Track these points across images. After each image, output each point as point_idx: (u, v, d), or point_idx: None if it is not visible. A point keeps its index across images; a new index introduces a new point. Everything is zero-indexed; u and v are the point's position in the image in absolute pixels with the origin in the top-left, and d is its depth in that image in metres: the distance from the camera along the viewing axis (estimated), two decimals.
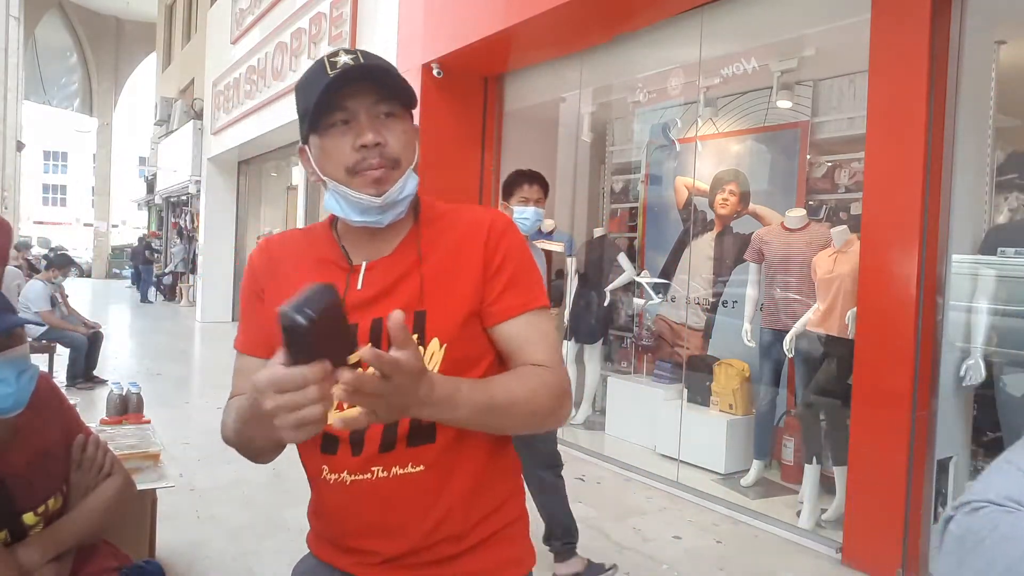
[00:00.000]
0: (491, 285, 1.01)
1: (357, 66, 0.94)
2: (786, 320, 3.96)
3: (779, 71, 4.40)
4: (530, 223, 2.83)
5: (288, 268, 1.06)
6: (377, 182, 0.96)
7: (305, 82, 0.98)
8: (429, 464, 0.98)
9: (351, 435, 0.99)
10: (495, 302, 1.00)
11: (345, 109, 0.96)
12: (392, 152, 0.97)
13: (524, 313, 1.01)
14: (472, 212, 1.08)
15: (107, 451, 1.65)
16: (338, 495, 1.01)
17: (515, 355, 1.01)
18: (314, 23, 7.57)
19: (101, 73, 26.33)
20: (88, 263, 25.46)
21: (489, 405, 0.89)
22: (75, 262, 9.90)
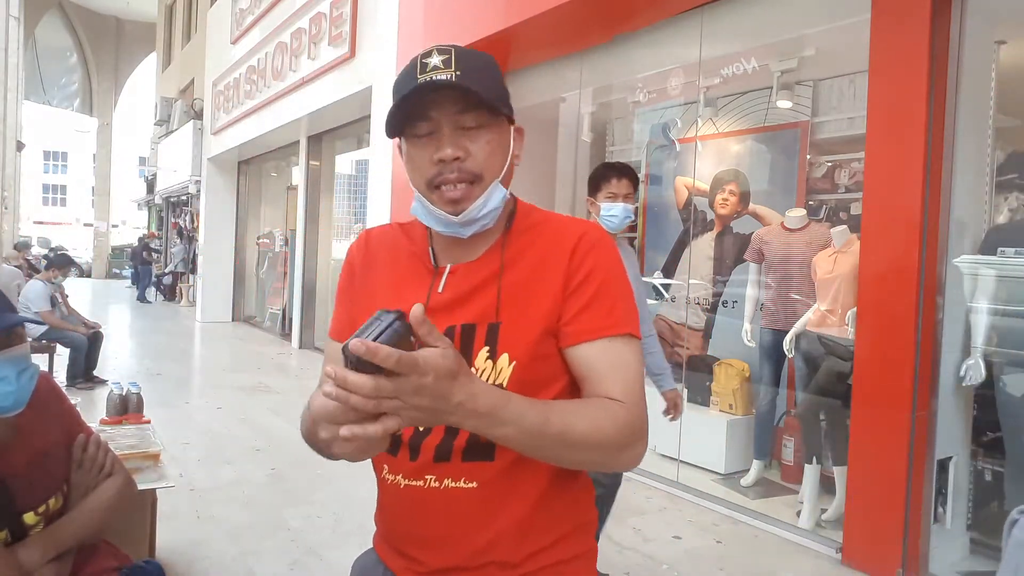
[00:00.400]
0: (570, 303, 0.94)
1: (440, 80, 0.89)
2: (786, 320, 3.96)
3: (779, 71, 4.40)
4: (618, 221, 2.58)
5: (382, 261, 1.07)
6: (453, 202, 0.93)
7: (398, 82, 0.94)
8: (483, 482, 0.93)
9: (410, 439, 0.96)
10: (571, 321, 0.93)
11: (429, 119, 0.93)
12: (472, 167, 0.93)
13: (602, 338, 0.92)
14: (564, 222, 1.02)
15: (108, 451, 1.65)
16: (393, 496, 1.00)
17: (587, 384, 0.93)
18: (314, 23, 7.57)
19: (101, 73, 26.33)
20: (88, 263, 25.45)
21: (541, 429, 0.80)
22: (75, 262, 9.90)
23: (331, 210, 9.77)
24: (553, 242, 0.97)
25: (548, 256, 0.96)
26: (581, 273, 0.94)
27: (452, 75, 0.89)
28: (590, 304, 0.93)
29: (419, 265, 1.03)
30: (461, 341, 0.95)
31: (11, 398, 1.39)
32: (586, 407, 0.88)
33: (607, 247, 0.98)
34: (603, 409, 0.88)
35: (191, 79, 15.60)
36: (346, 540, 3.21)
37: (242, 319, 12.41)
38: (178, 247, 15.91)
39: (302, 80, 7.92)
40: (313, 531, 3.32)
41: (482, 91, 0.90)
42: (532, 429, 0.80)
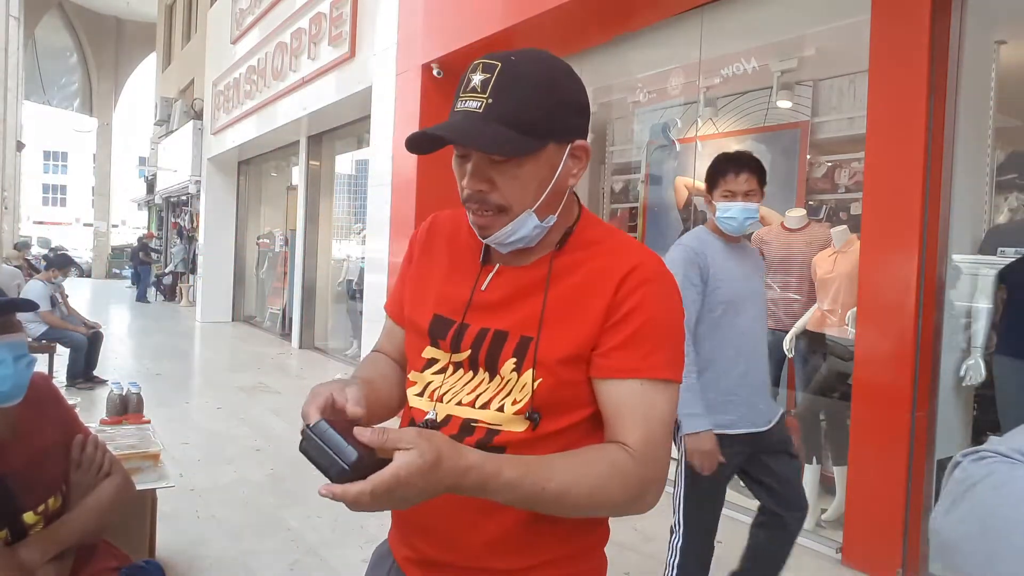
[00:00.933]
0: (608, 335, 0.89)
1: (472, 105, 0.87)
2: (786, 320, 3.96)
3: (779, 71, 4.40)
4: (736, 224, 2.26)
5: (440, 247, 1.07)
6: (480, 228, 0.93)
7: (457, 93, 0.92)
8: None
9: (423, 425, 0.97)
10: (606, 355, 0.89)
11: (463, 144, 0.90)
12: (496, 200, 0.90)
13: (635, 379, 0.87)
14: (623, 246, 0.96)
15: (106, 451, 1.66)
16: None
17: (609, 423, 0.89)
18: (314, 23, 7.57)
19: (101, 73, 26.33)
20: (88, 263, 25.46)
21: (538, 496, 0.80)
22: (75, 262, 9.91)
23: (331, 210, 9.77)
24: (604, 266, 0.92)
25: (596, 280, 0.91)
26: (626, 307, 0.89)
27: (483, 102, 0.85)
28: (629, 341, 0.88)
29: (471, 258, 1.01)
30: (489, 347, 0.93)
31: (8, 382, 1.39)
32: (591, 467, 0.84)
33: (662, 284, 0.92)
34: (610, 466, 0.84)
35: (191, 79, 15.60)
36: (346, 540, 3.21)
37: (242, 319, 12.42)
38: (178, 247, 15.91)
39: (302, 80, 7.92)
40: (313, 531, 3.32)
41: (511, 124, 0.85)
42: (527, 496, 0.80)
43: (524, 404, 0.90)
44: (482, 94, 0.86)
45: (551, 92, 0.88)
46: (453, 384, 0.96)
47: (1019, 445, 0.62)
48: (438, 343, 0.98)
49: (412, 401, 1.00)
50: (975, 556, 0.57)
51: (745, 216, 2.25)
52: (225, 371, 7.86)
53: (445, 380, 0.96)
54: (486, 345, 0.93)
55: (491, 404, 0.92)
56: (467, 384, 0.94)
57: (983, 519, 0.57)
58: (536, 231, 0.93)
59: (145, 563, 1.71)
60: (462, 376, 0.95)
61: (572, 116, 0.92)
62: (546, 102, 0.87)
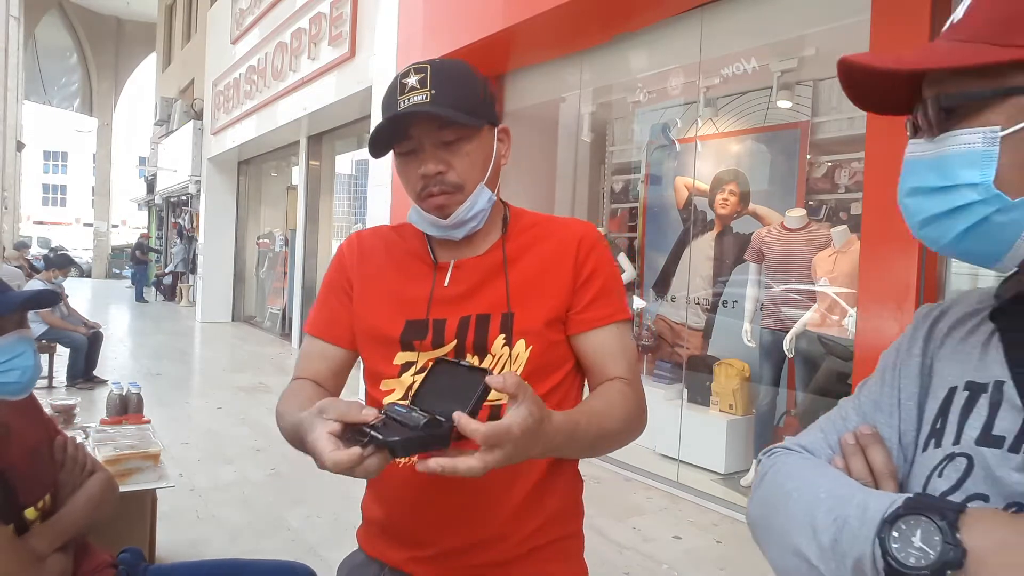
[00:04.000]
0: (580, 294, 1.04)
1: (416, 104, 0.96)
2: (786, 320, 3.96)
3: (779, 71, 4.40)
4: None
5: (378, 261, 1.12)
6: (440, 208, 1.02)
7: (384, 102, 1.02)
8: None
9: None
10: (584, 311, 1.04)
11: (410, 138, 1.00)
12: (453, 179, 1.01)
13: (610, 324, 1.04)
14: (565, 222, 1.12)
15: (86, 451, 1.71)
16: (400, 481, 1.03)
17: (597, 366, 1.04)
18: (314, 23, 7.57)
19: (101, 73, 26.32)
20: (88, 263, 25.47)
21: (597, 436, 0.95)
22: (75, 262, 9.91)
23: (331, 210, 9.78)
24: (558, 239, 1.07)
25: (555, 252, 1.05)
26: (588, 268, 1.05)
27: (428, 94, 0.96)
28: (599, 295, 1.04)
29: (418, 263, 1.09)
30: (476, 329, 1.02)
31: (29, 372, 1.47)
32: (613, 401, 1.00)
33: (605, 245, 1.10)
34: (623, 396, 1.00)
35: (191, 79, 15.60)
36: (345, 540, 3.21)
37: (242, 319, 12.41)
38: (178, 247, 15.91)
39: (302, 80, 7.92)
40: (313, 531, 3.32)
41: (455, 108, 0.96)
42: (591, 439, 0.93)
43: (520, 373, 1.00)
44: (423, 88, 0.97)
45: (475, 83, 1.03)
46: None
47: (800, 439, 0.73)
48: (413, 345, 1.04)
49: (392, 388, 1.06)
50: (764, 534, 0.68)
51: None
52: (225, 371, 7.86)
53: None
54: (472, 329, 1.02)
55: None
56: None
57: (764, 504, 0.68)
58: (488, 204, 1.04)
59: (128, 552, 1.74)
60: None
61: (492, 104, 1.06)
62: (475, 90, 1.02)
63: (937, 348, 0.68)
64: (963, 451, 0.59)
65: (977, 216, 0.55)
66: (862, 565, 0.55)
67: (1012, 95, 0.52)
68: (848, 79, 0.64)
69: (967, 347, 0.65)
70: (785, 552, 0.63)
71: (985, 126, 0.53)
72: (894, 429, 0.67)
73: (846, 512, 0.58)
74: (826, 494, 0.61)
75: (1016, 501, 0.55)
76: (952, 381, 0.64)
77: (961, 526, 0.51)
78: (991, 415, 0.59)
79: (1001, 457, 0.56)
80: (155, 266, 18.13)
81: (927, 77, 0.58)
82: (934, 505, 0.54)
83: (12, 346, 1.44)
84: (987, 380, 0.61)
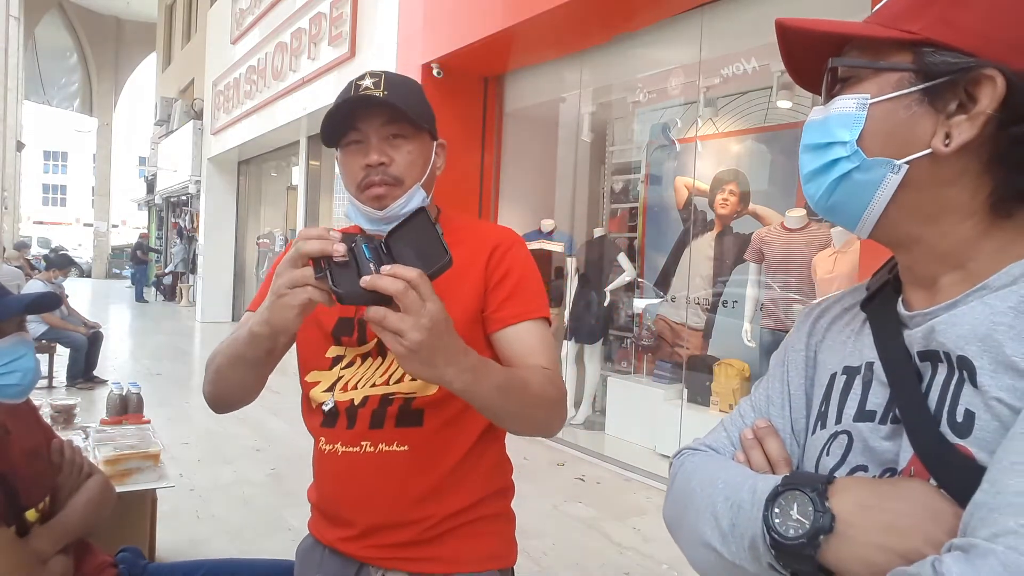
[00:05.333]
0: (494, 294, 1.09)
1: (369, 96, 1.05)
2: (786, 320, 3.97)
3: (779, 71, 4.39)
4: None
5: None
6: (377, 198, 1.07)
7: (336, 101, 1.09)
8: (413, 446, 1.06)
9: (347, 410, 1.08)
10: (498, 309, 1.09)
11: (358, 130, 1.07)
12: (394, 171, 1.07)
13: (525, 321, 1.08)
14: (486, 228, 1.19)
15: (82, 454, 1.71)
16: (331, 465, 1.10)
17: (514, 360, 1.07)
18: (314, 23, 7.57)
19: (101, 73, 26.33)
20: (88, 263, 25.47)
21: (509, 383, 0.94)
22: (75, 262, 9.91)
23: (331, 210, 9.77)
24: (475, 245, 1.12)
25: (470, 256, 1.10)
26: (501, 270, 1.10)
27: (381, 93, 1.05)
28: (512, 294, 1.09)
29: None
30: None
31: (30, 375, 1.47)
32: (534, 371, 1.03)
33: (520, 247, 1.16)
34: (543, 374, 1.03)
35: (191, 79, 15.60)
36: None
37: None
38: (178, 247, 15.92)
39: (302, 80, 7.92)
40: None
41: (406, 108, 1.05)
42: (502, 383, 0.92)
43: None
44: (377, 89, 1.05)
45: (423, 97, 1.13)
46: (364, 373, 1.10)
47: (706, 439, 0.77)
48: (342, 340, 1.12)
49: (320, 398, 1.12)
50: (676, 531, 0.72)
51: None
52: None
53: (356, 371, 1.10)
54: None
55: (404, 377, 1.07)
56: (377, 369, 1.09)
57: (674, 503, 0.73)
58: (418, 203, 1.10)
59: (127, 551, 1.74)
60: (371, 364, 1.09)
61: (434, 121, 1.14)
62: (423, 102, 1.12)
63: (819, 341, 0.74)
64: (844, 428, 0.65)
65: (841, 171, 0.62)
66: (756, 543, 0.59)
67: (884, 71, 0.60)
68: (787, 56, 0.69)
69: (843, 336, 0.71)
70: (695, 544, 0.67)
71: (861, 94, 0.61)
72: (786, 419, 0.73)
73: (740, 497, 0.63)
74: (723, 484, 0.66)
75: (889, 467, 0.61)
76: (832, 368, 0.70)
77: (830, 495, 0.57)
78: (864, 393, 0.65)
79: (872, 429, 0.63)
80: (155, 266, 18.14)
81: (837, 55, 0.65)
82: (806, 479, 0.59)
83: (12, 349, 1.45)
84: (860, 363, 0.67)
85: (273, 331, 0.89)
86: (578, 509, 3.71)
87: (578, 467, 4.44)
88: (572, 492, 3.97)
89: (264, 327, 0.89)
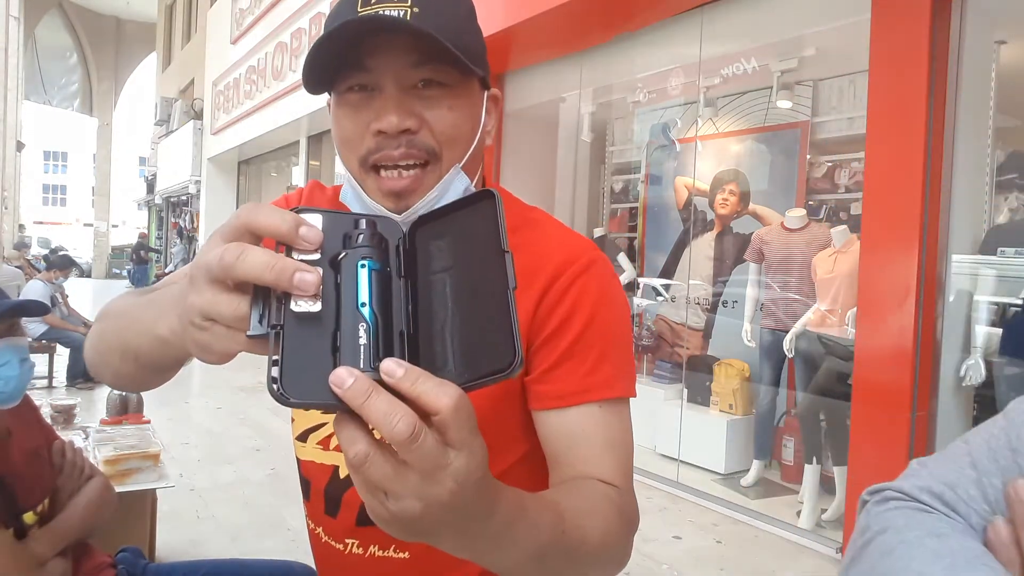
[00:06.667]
0: (543, 353, 0.68)
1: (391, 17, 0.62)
2: (786, 320, 3.96)
3: (779, 71, 4.40)
4: None
5: None
6: (396, 196, 0.67)
7: (334, 11, 0.67)
8: (417, 553, 0.73)
9: (327, 487, 0.76)
10: (544, 378, 0.68)
11: (367, 70, 0.65)
12: (427, 141, 0.66)
13: (589, 404, 0.67)
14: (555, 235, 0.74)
15: (84, 455, 1.71)
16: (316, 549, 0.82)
17: (563, 460, 0.68)
18: (314, 23, 7.58)
19: (101, 73, 26.33)
20: (88, 263, 25.47)
21: (554, 545, 0.53)
22: (76, 263, 9.88)
23: None
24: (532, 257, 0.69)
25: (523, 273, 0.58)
26: (561, 311, 0.68)
27: (407, 11, 0.62)
28: (569, 355, 0.68)
29: None
30: None
31: (13, 382, 1.45)
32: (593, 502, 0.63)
33: (603, 276, 0.71)
34: (608, 501, 0.65)
35: (191, 79, 15.60)
36: None
37: None
38: (178, 247, 15.92)
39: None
40: None
41: (447, 38, 0.61)
42: (547, 549, 0.52)
43: None
44: (402, 3, 0.63)
45: (474, 18, 0.73)
46: None
47: (928, 481, 0.49)
48: None
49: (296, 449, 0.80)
50: None
51: None
52: (225, 371, 7.85)
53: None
54: None
55: None
56: None
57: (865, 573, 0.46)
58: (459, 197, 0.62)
59: (127, 552, 1.74)
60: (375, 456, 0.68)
61: (486, 56, 0.74)
62: (474, 27, 0.72)
63: None
64: None
65: None
66: None
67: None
68: None
69: None
70: None
71: None
72: None
73: None
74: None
75: None
76: None
77: None
78: None
79: None
80: (155, 266, 18.14)
81: None
82: None
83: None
84: None
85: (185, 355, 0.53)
86: None
87: None
88: None
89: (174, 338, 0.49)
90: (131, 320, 0.59)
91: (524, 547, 0.49)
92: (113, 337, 0.63)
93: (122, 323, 0.61)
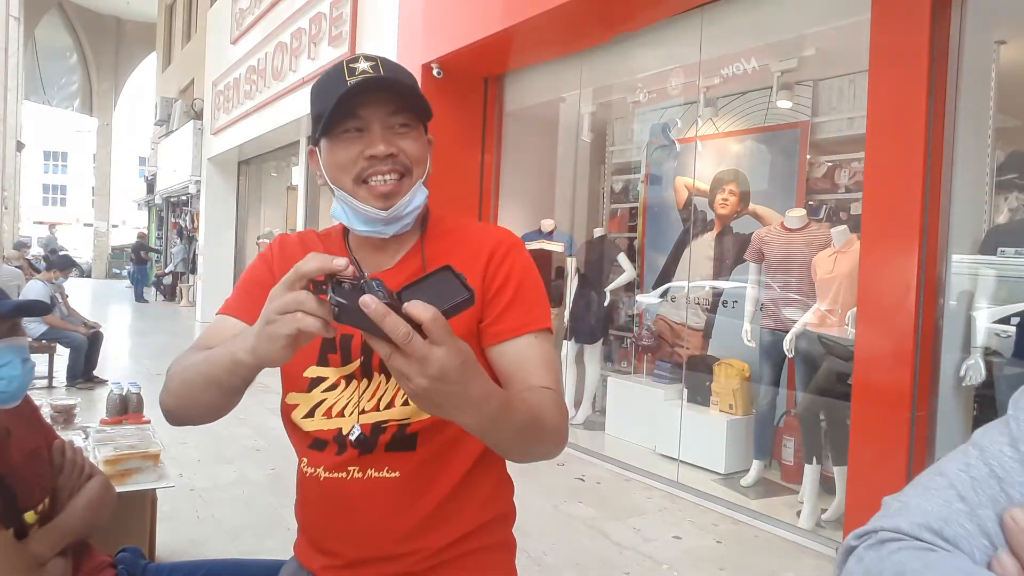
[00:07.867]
0: (492, 305, 0.98)
1: (376, 77, 0.93)
2: (786, 320, 3.97)
3: (779, 71, 4.40)
4: None
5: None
6: (384, 196, 0.96)
7: (321, 86, 0.97)
8: (406, 473, 0.96)
9: (335, 436, 0.98)
10: (495, 322, 0.98)
11: (359, 117, 0.95)
12: (403, 161, 0.96)
13: (526, 334, 0.97)
14: (480, 229, 1.07)
15: (84, 455, 1.70)
16: (313, 490, 1.01)
17: (514, 377, 0.95)
18: (314, 23, 7.57)
19: (101, 73, 26.32)
20: (88, 263, 25.45)
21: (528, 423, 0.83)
22: (76, 263, 9.88)
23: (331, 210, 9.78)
24: (470, 249, 1.01)
25: (465, 263, 0.95)
26: (500, 276, 0.99)
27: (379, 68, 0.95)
28: (512, 304, 0.98)
29: None
30: None
31: (15, 383, 1.45)
32: (542, 397, 0.91)
33: (520, 251, 1.04)
34: (551, 398, 0.93)
35: (191, 79, 15.59)
36: None
37: None
38: (178, 247, 15.91)
39: (302, 80, 7.91)
40: None
41: (413, 92, 0.96)
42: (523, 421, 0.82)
43: None
44: (376, 73, 0.94)
45: (417, 84, 1.00)
46: (349, 397, 0.98)
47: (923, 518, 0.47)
48: (327, 359, 0.99)
49: (304, 425, 1.00)
50: None
51: None
52: None
53: (340, 395, 0.98)
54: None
55: (395, 401, 0.96)
56: (364, 392, 0.97)
57: None
58: (423, 203, 1.01)
59: (127, 552, 1.74)
60: (356, 387, 0.98)
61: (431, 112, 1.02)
62: (417, 88, 0.99)
63: None
64: None
65: None
66: None
67: None
68: None
69: None
70: None
71: None
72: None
73: None
74: None
75: None
76: None
77: None
78: None
79: None
80: (155, 266, 18.13)
81: None
82: None
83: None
84: None
85: (258, 362, 0.76)
86: (578, 509, 3.71)
87: (578, 467, 4.44)
88: (572, 492, 3.97)
89: (249, 356, 0.76)
90: (207, 360, 0.86)
91: (511, 423, 0.79)
92: (197, 376, 0.88)
93: (202, 367, 0.87)
